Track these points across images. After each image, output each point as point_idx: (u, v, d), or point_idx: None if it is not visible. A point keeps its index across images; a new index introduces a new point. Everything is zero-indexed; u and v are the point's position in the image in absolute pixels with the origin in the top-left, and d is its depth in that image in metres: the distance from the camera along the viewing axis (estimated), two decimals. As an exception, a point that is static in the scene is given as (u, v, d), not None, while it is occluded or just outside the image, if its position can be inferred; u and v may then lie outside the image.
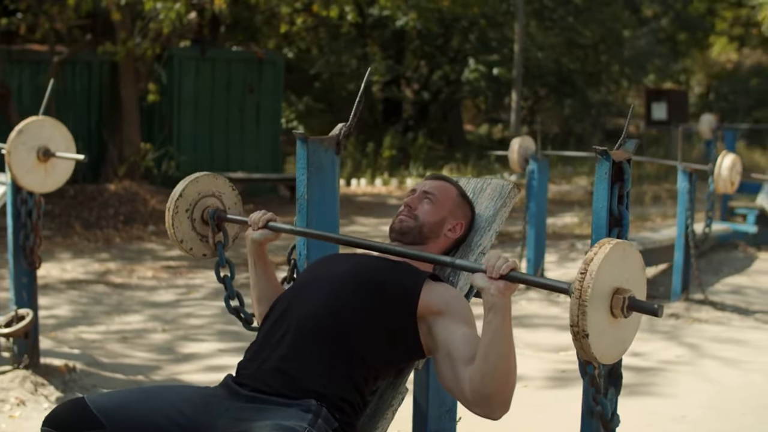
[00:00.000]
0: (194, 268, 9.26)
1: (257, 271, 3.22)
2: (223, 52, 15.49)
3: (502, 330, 2.52)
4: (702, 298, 7.37)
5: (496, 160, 19.39)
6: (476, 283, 2.54)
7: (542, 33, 22.04)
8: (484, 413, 2.61)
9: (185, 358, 6.10)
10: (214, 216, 3.38)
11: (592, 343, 2.29)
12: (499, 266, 2.49)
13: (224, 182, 3.48)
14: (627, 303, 2.32)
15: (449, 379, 2.68)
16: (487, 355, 2.53)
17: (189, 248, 3.39)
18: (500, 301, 2.50)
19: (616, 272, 2.34)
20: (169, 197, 3.34)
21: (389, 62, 21.03)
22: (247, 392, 2.74)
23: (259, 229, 3.15)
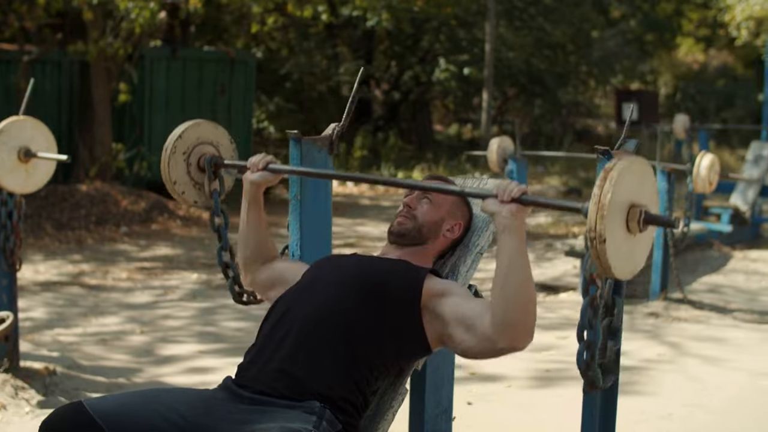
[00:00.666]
0: (169, 270, 9.20)
1: (249, 215, 3.20)
2: (194, 51, 15.39)
3: (518, 253, 2.53)
4: (681, 297, 7.40)
5: (467, 160, 19.41)
6: (488, 208, 2.57)
7: (512, 33, 22.08)
8: (510, 345, 2.59)
9: (165, 360, 6.05)
10: (211, 162, 3.34)
11: (608, 249, 2.30)
12: (511, 189, 2.53)
13: (224, 133, 3.46)
14: (643, 216, 2.35)
15: (468, 340, 2.66)
16: (506, 282, 2.54)
17: (181, 192, 3.34)
18: (513, 223, 2.52)
19: (633, 187, 2.36)
20: (168, 138, 3.30)
21: (360, 62, 21.00)
22: (250, 394, 2.71)
23: (259, 171, 3.12)
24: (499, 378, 5.56)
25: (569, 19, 22.43)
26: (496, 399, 5.19)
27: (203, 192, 3.39)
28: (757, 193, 10.40)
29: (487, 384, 5.42)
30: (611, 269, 2.31)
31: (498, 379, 5.55)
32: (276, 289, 3.13)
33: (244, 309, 7.48)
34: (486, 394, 5.23)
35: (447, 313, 2.73)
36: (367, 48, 22.07)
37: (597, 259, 2.30)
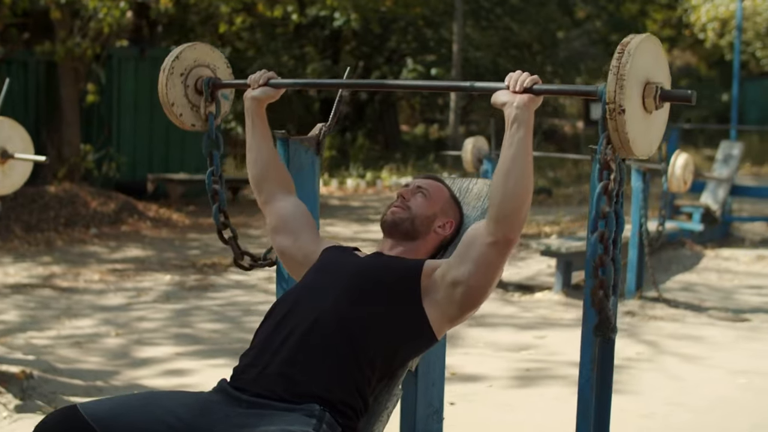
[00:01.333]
0: (141, 271, 9.12)
1: (254, 131, 3.13)
2: (163, 51, 15.25)
3: (525, 144, 2.54)
4: (656, 296, 7.44)
5: (435, 160, 19.46)
6: (498, 99, 2.57)
7: (479, 32, 22.12)
8: (504, 236, 2.61)
9: (143, 363, 5.99)
10: (209, 83, 3.29)
11: (627, 121, 2.31)
12: (522, 80, 2.54)
13: (220, 56, 3.43)
14: (659, 92, 2.37)
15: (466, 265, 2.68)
16: (510, 171, 2.55)
17: (179, 113, 3.30)
18: (524, 113, 2.52)
19: (648, 63, 2.37)
20: (166, 59, 3.26)
21: (326, 62, 20.96)
22: (248, 398, 2.67)
23: (260, 86, 3.08)
24: (480, 378, 5.56)
25: (535, 19, 22.52)
26: (478, 399, 5.18)
27: (200, 114, 3.34)
28: (727, 192, 10.49)
29: (469, 384, 5.42)
30: (629, 143, 2.33)
31: (479, 379, 5.55)
32: (284, 235, 3.08)
33: (219, 310, 7.45)
34: (468, 393, 5.22)
35: (444, 268, 2.74)
36: (333, 48, 22.04)
37: (615, 131, 2.31)
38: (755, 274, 8.74)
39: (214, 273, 9.03)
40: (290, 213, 3.10)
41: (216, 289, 8.31)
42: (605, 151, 2.46)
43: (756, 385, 5.52)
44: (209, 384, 5.41)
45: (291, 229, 3.08)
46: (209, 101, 3.31)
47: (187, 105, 3.31)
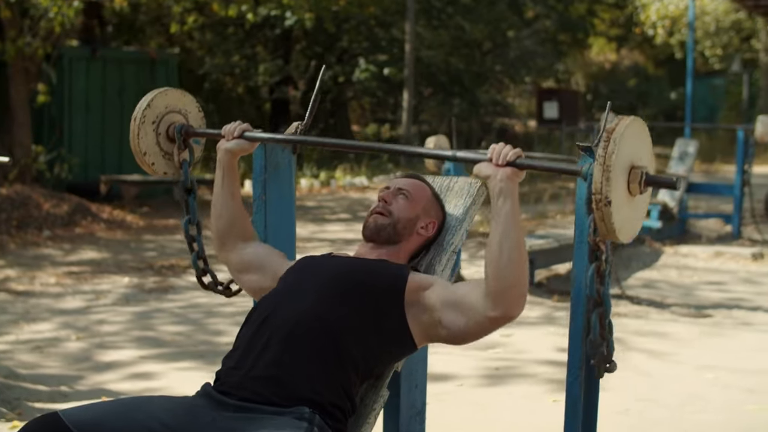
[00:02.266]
0: (99, 274, 8.98)
1: (224, 185, 3.06)
2: (114, 51, 15.13)
3: (513, 216, 2.51)
4: (619, 293, 7.48)
5: (389, 160, 19.44)
6: (482, 172, 2.54)
7: (431, 32, 22.15)
8: (504, 312, 2.55)
9: (107, 367, 5.89)
10: (181, 130, 3.20)
11: (613, 212, 2.30)
12: (505, 153, 2.51)
13: (191, 100, 3.34)
14: (644, 178, 2.35)
15: (457, 319, 2.63)
16: (502, 245, 2.50)
17: (151, 163, 3.20)
18: (509, 186, 2.50)
19: (633, 148, 2.36)
20: (136, 107, 3.17)
21: (278, 62, 20.85)
22: (234, 401, 2.62)
23: (234, 138, 3.02)
24: (451, 377, 5.54)
25: (486, 18, 22.59)
26: (450, 398, 5.16)
27: (173, 162, 3.27)
28: (684, 189, 10.58)
29: (440, 383, 5.38)
30: (615, 232, 2.31)
31: (449, 378, 5.52)
32: (251, 273, 3.02)
33: (181, 313, 7.36)
34: (439, 393, 5.18)
35: (433, 300, 2.69)
36: (285, 48, 21.94)
37: (602, 221, 2.30)
38: (714, 271, 8.82)
39: (173, 275, 8.92)
40: (251, 255, 3.06)
41: (176, 291, 8.20)
42: (593, 236, 2.46)
43: (724, 381, 5.55)
44: (177, 387, 5.38)
45: (255, 266, 3.04)
46: (182, 148, 3.23)
47: (159, 153, 3.22)
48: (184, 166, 3.24)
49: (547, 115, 19.12)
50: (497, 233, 2.50)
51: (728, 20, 22.24)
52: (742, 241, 10.54)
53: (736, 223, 10.72)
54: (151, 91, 3.22)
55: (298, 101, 22.36)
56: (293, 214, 3.40)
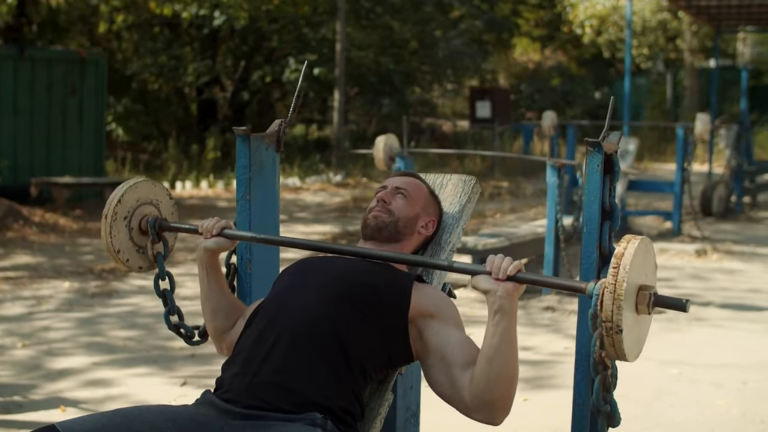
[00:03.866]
0: (37, 279, 8.72)
1: (210, 283, 2.95)
2: (43, 51, 14.75)
3: (509, 334, 2.44)
4: (573, 291, 7.46)
5: (321, 159, 19.35)
6: (480, 285, 2.45)
7: (360, 32, 22.08)
8: (485, 419, 2.52)
9: (60, 375, 5.69)
10: (155, 225, 3.12)
11: (624, 339, 2.26)
12: (505, 267, 2.42)
13: (162, 190, 3.22)
14: (653, 299, 2.31)
15: (444, 386, 2.58)
16: (493, 360, 2.44)
17: (126, 260, 3.10)
18: (508, 304, 2.42)
19: (640, 270, 2.32)
20: (106, 204, 3.05)
21: (208, 62, 20.59)
22: (241, 409, 2.51)
23: (213, 237, 2.90)
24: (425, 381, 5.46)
25: (414, 18, 22.60)
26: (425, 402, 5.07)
27: (147, 256, 3.15)
28: (625, 187, 10.66)
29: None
30: (625, 356, 2.29)
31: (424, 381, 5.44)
32: None
33: (129, 317, 7.18)
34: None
35: (432, 343, 2.63)
36: (213, 48, 21.68)
37: (612, 347, 2.27)
38: (661, 267, 8.85)
39: (115, 279, 8.71)
40: None
41: (120, 296, 8.00)
42: (599, 350, 2.42)
43: (689, 376, 5.58)
44: (138, 395, 5.24)
45: None
46: (156, 242, 3.13)
47: (133, 248, 3.11)
48: (159, 260, 3.16)
49: (480, 114, 19.14)
50: (491, 348, 2.44)
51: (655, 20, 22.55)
52: (683, 238, 10.65)
53: (676, 220, 10.82)
54: (121, 185, 3.11)
55: (227, 102, 22.09)
56: (277, 213, 3.32)
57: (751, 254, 10.05)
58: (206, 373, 5.68)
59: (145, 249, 3.14)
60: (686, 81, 25.02)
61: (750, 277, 8.80)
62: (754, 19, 15.62)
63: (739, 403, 5.11)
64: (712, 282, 8.51)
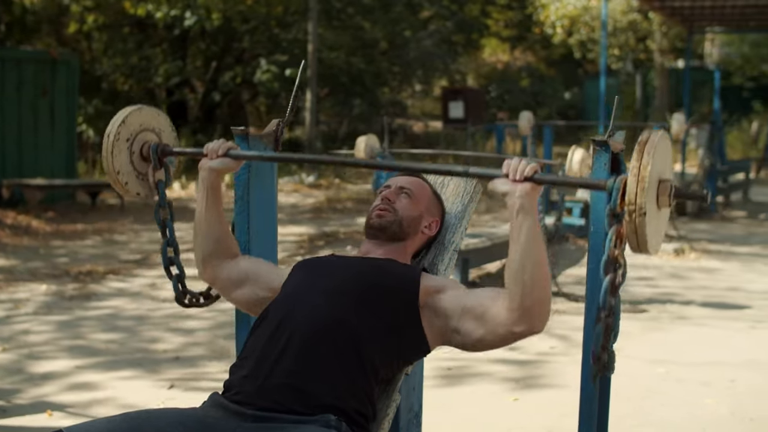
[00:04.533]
0: (12, 282, 8.61)
1: (208, 205, 2.91)
2: (13, 51, 14.62)
3: (534, 233, 2.44)
4: (555, 290, 7.49)
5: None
6: (498, 188, 2.46)
7: (331, 32, 22.04)
8: (527, 328, 2.51)
9: (43, 379, 5.61)
10: (156, 149, 3.05)
11: (648, 223, 2.27)
12: (522, 169, 2.43)
13: (165, 119, 3.19)
14: (673, 190, 2.34)
15: (477, 329, 2.56)
16: (525, 261, 2.43)
17: (124, 182, 3.05)
18: (528, 203, 2.43)
19: (662, 162, 2.35)
20: (110, 124, 3.01)
21: (179, 63, 20.47)
22: (253, 411, 2.48)
23: (219, 157, 2.87)
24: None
25: (386, 19, 22.60)
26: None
27: (146, 183, 3.11)
28: (602, 186, 10.65)
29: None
30: (647, 244, 2.28)
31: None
32: (244, 287, 2.89)
33: (109, 320, 7.10)
34: (398, 396, 5.09)
35: (449, 306, 2.62)
36: (183, 49, 21.56)
37: (634, 233, 2.26)
38: (640, 266, 8.91)
39: (92, 281, 8.62)
40: (243, 267, 2.92)
41: (99, 298, 7.92)
42: (614, 248, 2.41)
43: (676, 375, 5.59)
44: (125, 398, 5.18)
45: (243, 279, 2.91)
46: (157, 168, 3.08)
47: (133, 173, 3.07)
48: (160, 187, 3.11)
49: (453, 114, 19.18)
50: (519, 251, 2.43)
51: (625, 20, 22.68)
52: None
53: (652, 219, 10.83)
54: (125, 108, 3.07)
55: (198, 103, 21.97)
56: (275, 214, 3.29)
57: (728, 253, 10.13)
58: (192, 376, 5.63)
59: (146, 176, 3.09)
60: (656, 81, 25.16)
61: (728, 275, 8.85)
62: (726, 20, 15.76)
63: (728, 401, 5.12)
64: (692, 281, 8.56)
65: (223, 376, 5.59)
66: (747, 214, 13.80)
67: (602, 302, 2.45)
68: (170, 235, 3.19)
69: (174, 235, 3.20)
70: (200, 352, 6.22)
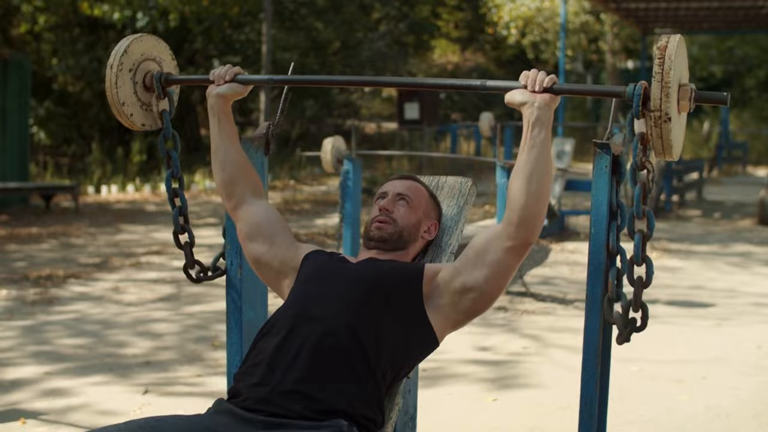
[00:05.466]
0: (-29, 286, 8.48)
1: (221, 132, 2.91)
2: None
3: (547, 145, 2.49)
4: (523, 290, 7.51)
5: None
6: (516, 99, 2.49)
7: (284, 33, 21.96)
8: (525, 238, 2.56)
9: (13, 386, 5.51)
10: (160, 78, 3.03)
11: (672, 127, 2.31)
12: (541, 79, 2.47)
13: (165, 48, 3.16)
14: (694, 94, 2.37)
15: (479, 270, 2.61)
16: (532, 173, 2.48)
17: (129, 114, 3.02)
18: (546, 114, 2.47)
19: (680, 66, 2.37)
20: (111, 55, 2.98)
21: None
22: (264, 418, 2.46)
23: (226, 82, 2.86)
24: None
25: (339, 20, 22.57)
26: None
27: (150, 114, 3.07)
28: (562, 187, 10.75)
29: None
30: (671, 148, 2.33)
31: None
32: (259, 242, 2.88)
33: (74, 325, 7.00)
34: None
35: (449, 274, 2.66)
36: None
37: (659, 138, 2.31)
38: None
39: (53, 285, 8.50)
40: (263, 217, 2.91)
41: (61, 303, 7.80)
42: (641, 155, 2.43)
43: (649, 373, 5.64)
44: (99, 404, 5.12)
45: (265, 234, 2.89)
46: (161, 97, 3.05)
47: (137, 103, 3.04)
48: (164, 116, 3.09)
49: (408, 116, 19.20)
50: (530, 162, 2.47)
51: (578, 21, 22.84)
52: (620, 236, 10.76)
53: (613, 219, 10.91)
54: (126, 37, 3.03)
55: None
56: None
57: (688, 252, 10.23)
58: (166, 381, 5.57)
59: (149, 106, 3.07)
60: (608, 82, 25.38)
61: (690, 274, 8.94)
62: (679, 21, 15.95)
63: (702, 397, 5.17)
64: (656, 279, 8.52)
65: (196, 380, 5.60)
66: (702, 212, 13.98)
67: (636, 211, 2.49)
68: (175, 167, 3.17)
69: (179, 166, 3.18)
70: (171, 356, 6.15)
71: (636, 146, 2.43)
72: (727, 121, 18.50)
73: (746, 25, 16.74)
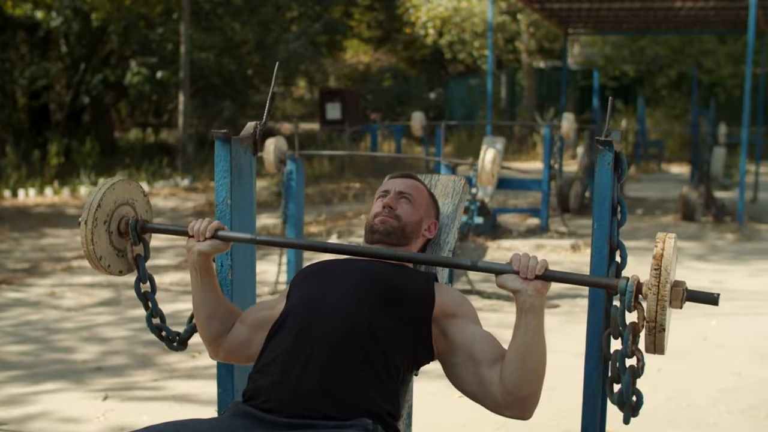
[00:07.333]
0: None
1: (204, 287, 2.82)
2: None
3: (540, 331, 2.50)
4: (469, 288, 7.56)
5: (168, 165, 18.99)
6: (508, 285, 2.50)
7: (201, 33, 21.75)
8: (516, 415, 2.57)
9: (-37, 395, 5.38)
10: (135, 227, 2.97)
11: (666, 337, 2.36)
12: (533, 266, 2.47)
13: (136, 188, 3.06)
14: (685, 294, 2.39)
15: (473, 384, 2.61)
16: (526, 358, 2.49)
17: (107, 265, 2.93)
18: (539, 302, 2.48)
19: (674, 269, 2.42)
20: (84, 209, 2.87)
21: (45, 65, 19.84)
22: (286, 419, 2.43)
23: (206, 239, 2.77)
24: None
25: (255, 20, 22.43)
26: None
27: (125, 260, 3.00)
28: (495, 185, 10.85)
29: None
30: (663, 350, 2.38)
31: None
32: (259, 334, 2.81)
33: (15, 331, 6.87)
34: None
35: (458, 342, 2.66)
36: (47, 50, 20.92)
37: (652, 344, 2.36)
38: (542, 262, 9.08)
39: (-11, 292, 8.30)
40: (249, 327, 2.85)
41: (1, 309, 7.63)
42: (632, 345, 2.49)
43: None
44: (59, 411, 5.04)
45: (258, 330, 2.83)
46: (136, 243, 2.99)
47: (113, 253, 2.95)
48: (139, 262, 3.04)
49: (330, 116, 19.18)
50: (522, 347, 2.49)
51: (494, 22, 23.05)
52: (551, 234, 10.94)
53: (544, 217, 11.10)
54: (97, 188, 2.94)
55: (67, 106, 21.32)
56: (254, 217, 3.26)
57: (618, 247, 10.39)
58: (123, 386, 5.48)
59: (125, 252, 2.99)
60: (524, 81, 25.73)
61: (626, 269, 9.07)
62: (600, 22, 16.22)
63: (661, 389, 5.28)
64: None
65: (154, 384, 5.52)
66: (625, 209, 14.20)
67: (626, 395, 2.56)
68: (153, 307, 3.13)
69: (158, 307, 3.14)
70: (122, 360, 6.06)
71: (627, 337, 2.49)
72: (644, 119, 18.87)
73: (665, 26, 17.09)
